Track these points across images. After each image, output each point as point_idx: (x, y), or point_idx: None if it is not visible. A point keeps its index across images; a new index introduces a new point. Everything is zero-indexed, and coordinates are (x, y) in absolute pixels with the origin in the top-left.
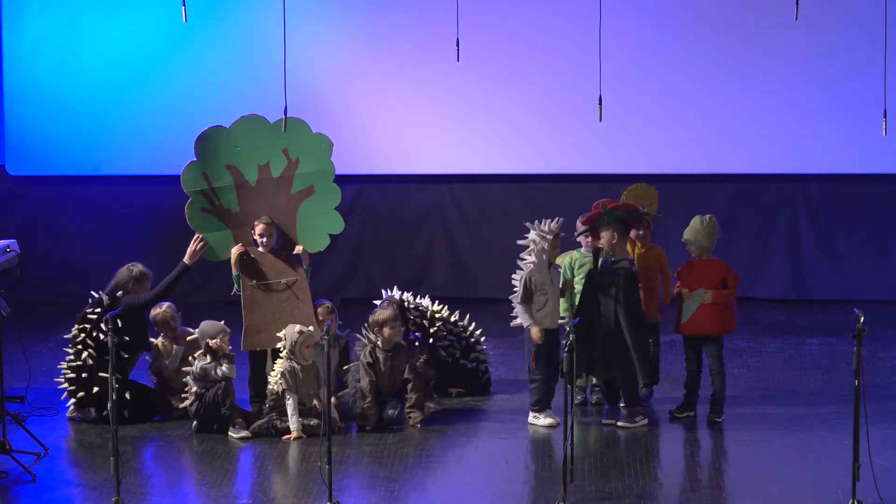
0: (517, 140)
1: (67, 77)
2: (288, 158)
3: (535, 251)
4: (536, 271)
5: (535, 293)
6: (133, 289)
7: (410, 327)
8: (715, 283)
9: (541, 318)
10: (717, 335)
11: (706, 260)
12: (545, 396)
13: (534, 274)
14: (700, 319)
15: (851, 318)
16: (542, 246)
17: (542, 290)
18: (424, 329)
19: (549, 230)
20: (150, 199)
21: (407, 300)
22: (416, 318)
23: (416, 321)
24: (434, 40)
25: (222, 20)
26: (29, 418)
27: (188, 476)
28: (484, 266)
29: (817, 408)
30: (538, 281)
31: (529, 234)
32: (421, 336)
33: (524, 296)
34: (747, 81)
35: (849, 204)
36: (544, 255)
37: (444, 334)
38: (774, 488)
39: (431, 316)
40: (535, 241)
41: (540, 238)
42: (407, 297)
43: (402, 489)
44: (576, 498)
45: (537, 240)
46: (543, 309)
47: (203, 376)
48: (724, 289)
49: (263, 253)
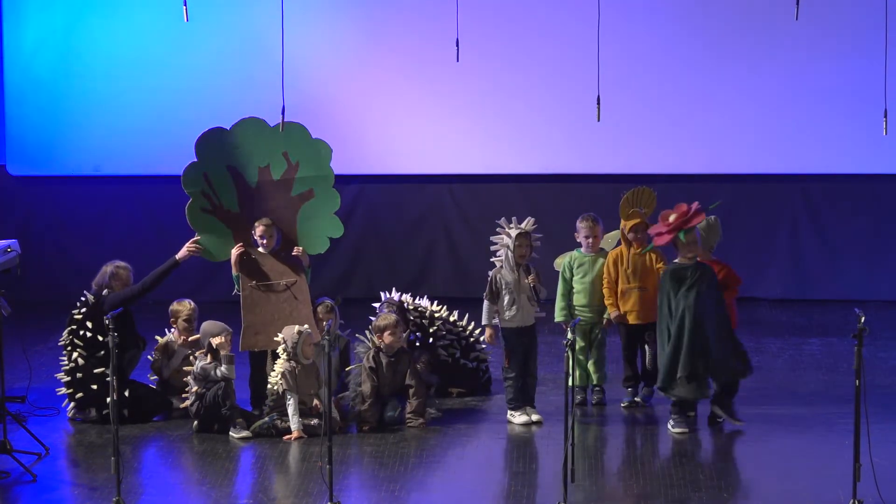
0: (517, 140)
1: (68, 77)
2: (288, 161)
3: (502, 250)
4: (501, 270)
5: (501, 291)
6: (113, 286)
7: (410, 328)
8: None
9: (508, 318)
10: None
11: (707, 261)
12: (520, 394)
13: (499, 272)
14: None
15: (852, 318)
16: (507, 245)
17: (509, 289)
18: (424, 329)
19: (513, 230)
20: (150, 199)
21: (406, 301)
22: (416, 318)
23: (416, 321)
24: (433, 40)
25: (222, 20)
26: (29, 418)
27: (189, 476)
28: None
29: (818, 408)
30: (504, 280)
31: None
32: (421, 336)
33: (490, 294)
34: (747, 81)
35: (849, 204)
36: (510, 253)
37: (443, 334)
38: (775, 488)
39: (431, 316)
40: (502, 239)
41: (506, 237)
42: (406, 298)
43: (402, 489)
44: (576, 498)
45: (504, 238)
46: (511, 308)
47: (204, 376)
48: (724, 289)
49: (263, 254)
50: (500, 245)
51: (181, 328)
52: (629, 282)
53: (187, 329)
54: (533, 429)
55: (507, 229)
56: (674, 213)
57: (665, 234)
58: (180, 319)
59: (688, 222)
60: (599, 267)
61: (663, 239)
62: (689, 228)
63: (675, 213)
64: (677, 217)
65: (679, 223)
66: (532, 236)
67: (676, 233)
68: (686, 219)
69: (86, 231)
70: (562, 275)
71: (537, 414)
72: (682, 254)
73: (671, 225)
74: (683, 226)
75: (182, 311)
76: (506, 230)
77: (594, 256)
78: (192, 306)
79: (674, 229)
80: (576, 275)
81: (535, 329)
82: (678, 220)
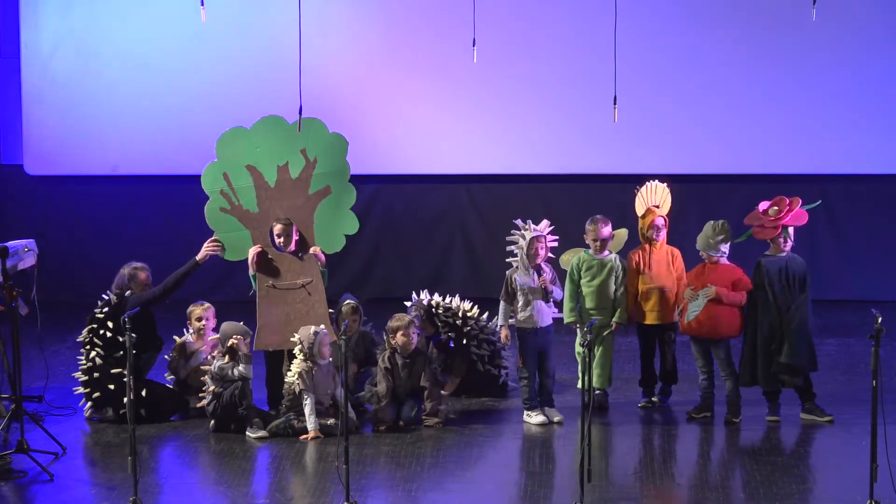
0: (533, 140)
1: (85, 77)
2: (306, 158)
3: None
4: (517, 271)
5: (517, 292)
6: (133, 287)
7: (441, 329)
8: (726, 286)
9: (523, 318)
10: (722, 338)
11: (720, 265)
12: (535, 394)
13: (515, 273)
14: (705, 321)
15: (869, 319)
16: (522, 246)
17: (523, 290)
18: (458, 329)
19: (528, 231)
20: (167, 198)
21: (436, 303)
22: (448, 318)
23: (447, 322)
24: (451, 41)
25: (240, 21)
26: (47, 418)
27: (206, 476)
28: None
29: (835, 408)
30: (519, 281)
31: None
32: (455, 337)
33: (505, 294)
34: (765, 82)
35: (867, 204)
36: (524, 255)
37: (476, 333)
38: (791, 488)
39: (464, 315)
40: (518, 240)
41: (521, 238)
42: (437, 299)
43: (419, 489)
44: (593, 498)
45: (518, 240)
46: (526, 309)
47: (221, 376)
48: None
49: (280, 253)
50: (516, 246)
51: (196, 328)
52: (650, 282)
53: (202, 330)
54: (552, 429)
55: (522, 230)
56: (775, 206)
57: (769, 227)
58: (194, 319)
59: (798, 218)
60: (607, 270)
61: (767, 233)
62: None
63: (777, 205)
64: (784, 213)
65: (787, 218)
66: (547, 238)
67: (783, 227)
68: (794, 214)
69: (103, 231)
70: (569, 276)
71: (559, 414)
72: (779, 247)
73: (778, 219)
74: (792, 221)
75: (197, 311)
76: (521, 231)
77: (602, 259)
78: (206, 306)
79: (781, 224)
80: (583, 277)
81: (550, 330)
82: (786, 215)
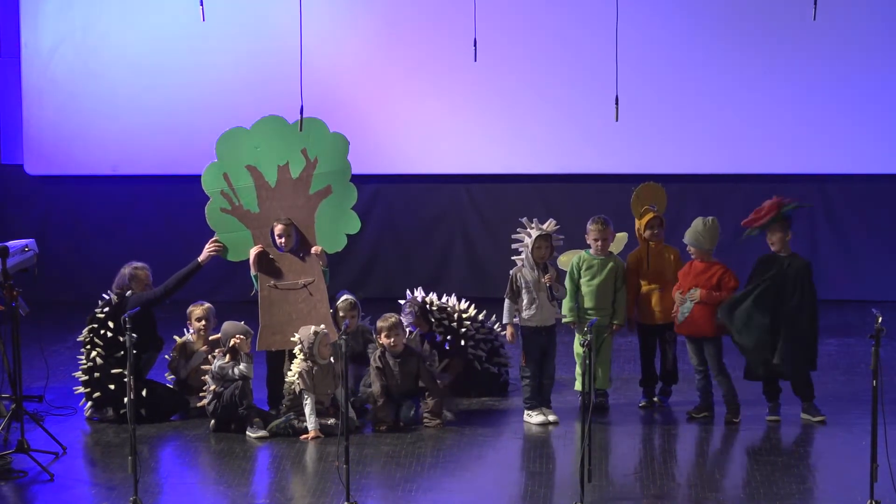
0: (534, 140)
1: (85, 77)
2: (306, 158)
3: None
4: (522, 269)
5: (521, 290)
6: (133, 287)
7: (435, 329)
8: (710, 286)
9: (527, 317)
10: (712, 336)
11: (706, 262)
12: (537, 394)
13: (520, 271)
14: (695, 320)
15: (869, 319)
16: (527, 244)
17: (528, 288)
18: (454, 331)
19: (534, 230)
20: (167, 198)
21: (430, 301)
22: (443, 319)
23: (441, 322)
24: (451, 40)
25: (239, 20)
26: (47, 417)
27: (206, 476)
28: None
29: (835, 408)
30: (524, 278)
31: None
32: (451, 339)
33: (510, 292)
34: (765, 82)
35: (867, 204)
36: (529, 253)
37: (472, 334)
38: (791, 488)
39: (459, 317)
40: (523, 238)
41: (527, 236)
42: (432, 297)
43: (419, 489)
44: (593, 498)
45: (523, 238)
46: (531, 307)
47: (221, 376)
48: (717, 291)
49: (282, 253)
50: (521, 244)
51: (196, 328)
52: (650, 282)
53: (202, 329)
54: (549, 429)
55: (528, 228)
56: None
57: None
58: (194, 319)
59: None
60: (608, 271)
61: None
62: (776, 217)
63: (756, 213)
64: (763, 215)
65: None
66: (553, 237)
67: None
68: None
69: (103, 230)
70: (569, 275)
71: (553, 414)
72: (778, 246)
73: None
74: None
75: (197, 311)
76: (527, 229)
77: (603, 259)
78: (206, 307)
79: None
80: (583, 277)
81: (554, 329)
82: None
